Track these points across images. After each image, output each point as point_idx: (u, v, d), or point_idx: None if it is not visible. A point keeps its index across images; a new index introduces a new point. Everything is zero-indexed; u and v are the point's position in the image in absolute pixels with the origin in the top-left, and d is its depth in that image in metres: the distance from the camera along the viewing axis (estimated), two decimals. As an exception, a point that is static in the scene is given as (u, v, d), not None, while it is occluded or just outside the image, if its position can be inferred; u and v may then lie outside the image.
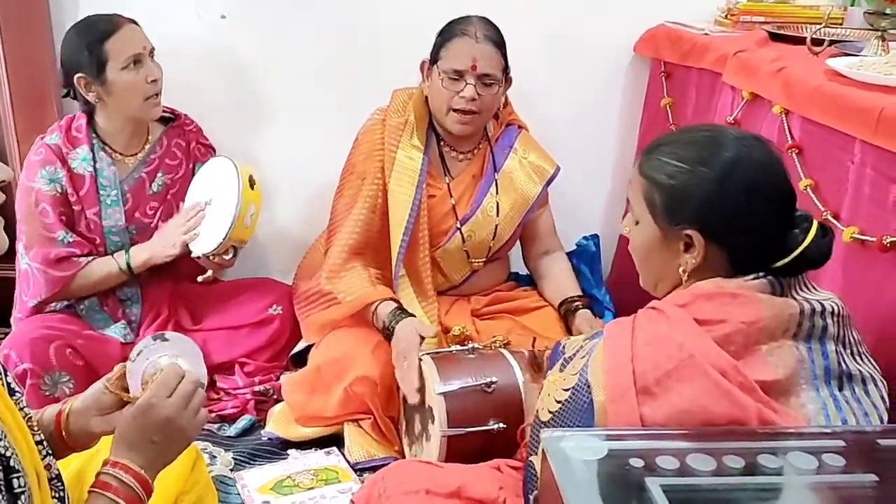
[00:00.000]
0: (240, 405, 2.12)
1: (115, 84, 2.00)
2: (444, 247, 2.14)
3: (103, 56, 1.97)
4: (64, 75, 2.04)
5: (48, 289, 2.03)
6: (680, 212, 1.19)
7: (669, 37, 2.31)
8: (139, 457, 1.07)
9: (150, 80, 2.02)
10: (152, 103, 2.06)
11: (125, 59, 1.98)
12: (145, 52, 2.02)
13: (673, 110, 2.31)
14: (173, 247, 2.04)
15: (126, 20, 2.03)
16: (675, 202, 1.19)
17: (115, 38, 1.98)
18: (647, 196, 1.22)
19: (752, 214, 1.16)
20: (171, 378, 1.11)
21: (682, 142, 1.23)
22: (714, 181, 1.16)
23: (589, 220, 2.59)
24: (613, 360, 1.13)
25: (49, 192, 2.03)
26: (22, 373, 1.92)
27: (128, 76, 1.99)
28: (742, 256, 1.18)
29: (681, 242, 1.20)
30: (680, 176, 1.18)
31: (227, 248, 2.02)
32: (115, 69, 1.98)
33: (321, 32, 2.40)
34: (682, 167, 1.18)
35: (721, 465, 0.94)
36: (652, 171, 1.22)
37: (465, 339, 2.00)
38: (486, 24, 2.02)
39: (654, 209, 1.22)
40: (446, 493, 1.35)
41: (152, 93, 2.04)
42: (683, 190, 1.18)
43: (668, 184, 1.19)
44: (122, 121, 2.09)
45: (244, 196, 1.97)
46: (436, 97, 2.05)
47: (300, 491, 1.84)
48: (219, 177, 2.06)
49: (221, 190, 2.02)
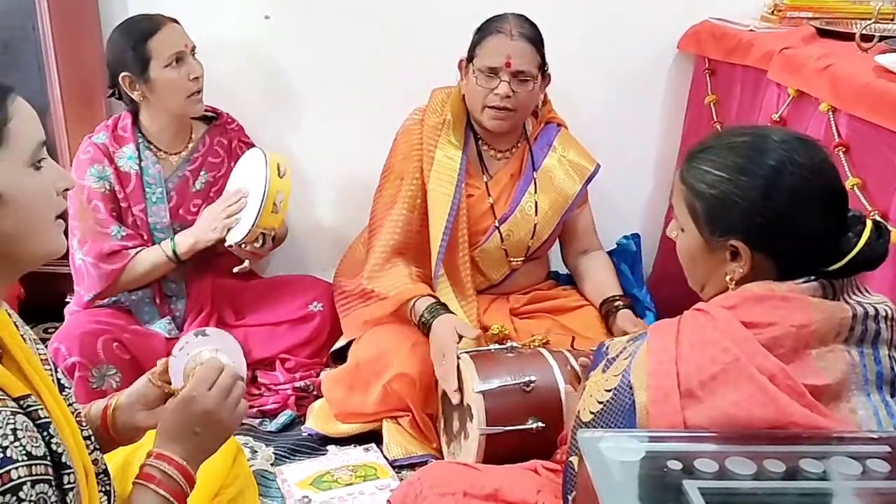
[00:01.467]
0: (280, 401, 2.15)
1: (159, 82, 2.04)
2: (482, 246, 2.14)
3: (147, 54, 2.02)
4: (109, 75, 2.09)
5: (101, 282, 2.09)
6: (723, 222, 1.15)
7: (714, 33, 2.27)
8: (181, 448, 1.09)
9: (191, 78, 2.06)
10: (195, 100, 2.10)
11: (168, 57, 2.02)
12: (187, 50, 2.06)
13: (717, 108, 2.28)
14: (214, 230, 2.06)
15: (168, 19, 2.07)
16: (717, 212, 1.16)
17: (158, 37, 2.02)
18: (690, 205, 1.19)
19: (799, 221, 1.12)
20: (210, 371, 1.13)
21: (723, 147, 1.18)
22: (757, 190, 1.12)
23: (630, 218, 2.57)
24: (657, 362, 1.12)
25: (99, 189, 2.09)
26: (70, 366, 1.97)
27: (170, 74, 2.04)
28: (791, 263, 1.14)
29: (726, 252, 1.17)
30: (720, 185, 1.14)
31: (256, 235, 2.04)
32: (158, 67, 2.03)
33: (363, 31, 2.41)
34: (722, 176, 1.14)
35: (761, 469, 0.93)
36: (693, 180, 1.18)
37: (503, 339, 1.99)
38: (522, 21, 2.01)
39: (696, 218, 1.19)
40: (483, 496, 1.35)
41: (194, 90, 2.08)
42: (725, 200, 1.14)
43: (708, 193, 1.16)
44: (166, 119, 2.13)
45: (272, 183, 1.99)
46: (471, 95, 2.05)
47: (339, 486, 1.86)
48: (250, 166, 2.09)
49: (253, 179, 2.05)
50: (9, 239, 0.94)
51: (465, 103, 2.11)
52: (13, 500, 0.82)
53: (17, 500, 0.82)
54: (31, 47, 2.26)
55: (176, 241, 2.11)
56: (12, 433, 0.84)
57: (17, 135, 0.93)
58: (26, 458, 0.84)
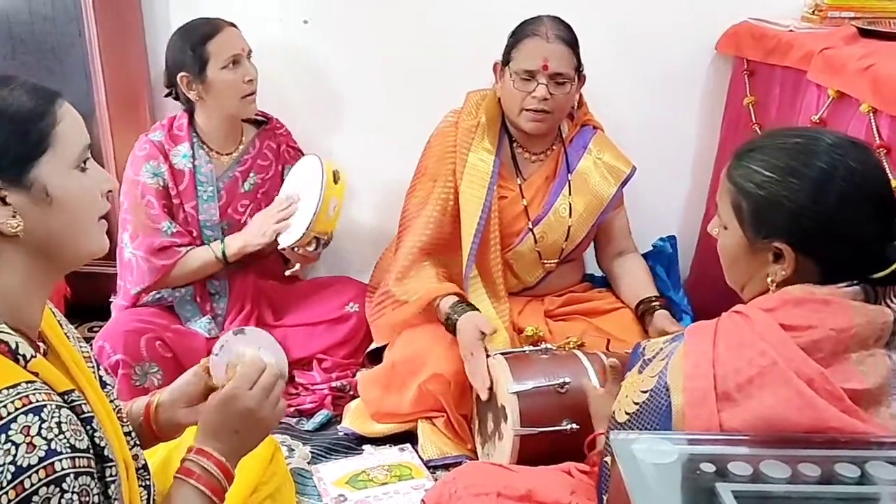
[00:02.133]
0: (317, 400, 2.18)
1: (215, 83, 2.10)
2: (515, 248, 2.14)
3: (205, 56, 2.08)
4: (167, 76, 2.16)
5: (151, 276, 2.14)
6: (768, 223, 1.14)
7: (753, 34, 2.25)
8: (221, 445, 1.12)
9: (246, 80, 2.12)
10: (248, 101, 2.16)
11: (225, 59, 2.08)
12: (243, 54, 2.12)
13: (756, 109, 2.26)
14: (264, 235, 2.12)
15: (226, 23, 2.13)
16: (763, 213, 1.15)
17: (217, 40, 2.08)
18: (735, 204, 1.18)
19: (846, 226, 1.11)
20: (253, 370, 1.15)
21: (773, 148, 1.17)
22: (805, 193, 1.11)
23: (666, 221, 2.54)
24: (694, 364, 1.11)
25: (153, 185, 2.15)
26: (115, 363, 2.02)
27: (227, 75, 2.09)
28: (835, 267, 1.13)
29: (769, 253, 1.16)
30: (769, 186, 1.13)
31: (309, 239, 2.09)
32: (215, 68, 2.08)
33: (400, 35, 2.43)
34: (771, 177, 1.13)
35: (796, 472, 0.92)
36: (740, 179, 1.17)
37: (538, 340, 2.00)
38: (558, 24, 2.01)
39: (741, 218, 1.18)
40: (517, 497, 1.35)
41: (248, 91, 2.14)
42: (772, 201, 1.13)
43: (756, 194, 1.15)
44: (219, 119, 2.19)
45: (327, 189, 2.04)
46: (508, 98, 2.06)
47: (374, 486, 1.88)
48: (306, 172, 2.14)
49: (308, 184, 2.10)
50: (54, 238, 0.97)
51: (501, 106, 2.12)
52: (56, 492, 0.84)
53: (61, 492, 0.84)
54: (78, 52, 2.32)
55: (226, 243, 2.17)
56: (57, 426, 0.87)
57: (64, 138, 0.97)
58: (70, 451, 0.87)
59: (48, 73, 2.35)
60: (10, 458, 0.82)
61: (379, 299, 2.18)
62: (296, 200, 2.12)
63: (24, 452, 0.83)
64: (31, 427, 0.85)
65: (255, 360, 1.18)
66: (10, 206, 0.93)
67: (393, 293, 2.11)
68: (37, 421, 0.85)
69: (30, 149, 0.94)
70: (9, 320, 0.93)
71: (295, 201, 2.12)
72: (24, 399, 0.86)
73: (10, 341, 0.91)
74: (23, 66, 2.35)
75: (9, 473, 0.82)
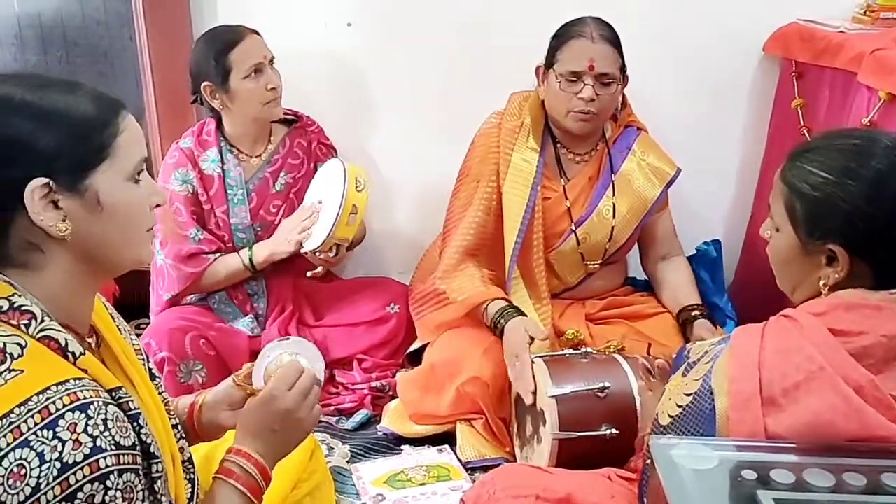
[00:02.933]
0: (357, 400, 2.19)
1: (238, 92, 2.12)
2: (558, 249, 2.13)
3: (228, 66, 2.10)
4: (192, 83, 2.18)
5: (180, 283, 2.17)
6: (823, 225, 1.13)
7: (802, 35, 2.21)
8: (260, 446, 1.13)
9: (269, 88, 2.13)
10: (271, 106, 2.17)
11: (247, 69, 2.10)
12: (265, 62, 2.13)
13: (804, 112, 2.22)
14: (289, 244, 2.14)
15: (249, 31, 2.14)
16: (817, 215, 1.13)
17: (239, 50, 2.10)
18: (788, 205, 1.17)
19: None
20: (291, 373, 1.17)
21: (829, 149, 1.16)
22: (861, 195, 1.09)
23: (711, 224, 2.52)
24: (739, 367, 1.10)
25: (182, 193, 2.17)
26: (160, 361, 2.06)
27: (249, 84, 2.11)
28: (889, 272, 1.12)
29: (823, 256, 1.14)
30: (824, 187, 1.12)
31: (330, 245, 2.10)
32: (237, 78, 2.11)
33: (442, 38, 2.44)
34: (826, 178, 1.12)
35: (840, 482, 0.91)
36: (794, 180, 1.16)
37: (578, 344, 1.98)
38: (601, 24, 2.00)
39: (794, 219, 1.16)
40: (555, 500, 1.34)
41: (271, 98, 2.15)
42: (827, 203, 1.12)
43: (811, 195, 1.13)
44: (246, 124, 2.21)
45: (348, 196, 2.04)
46: (553, 100, 2.05)
47: (412, 486, 1.88)
48: (330, 178, 2.15)
49: (331, 190, 2.11)
50: (101, 245, 0.98)
51: (544, 108, 2.11)
52: (100, 489, 0.85)
53: (105, 489, 0.85)
54: (129, 56, 2.38)
55: (253, 251, 2.19)
56: (102, 423, 0.88)
57: (124, 149, 0.98)
58: (115, 448, 0.88)
59: (100, 77, 2.42)
60: (57, 454, 0.84)
61: (425, 297, 2.19)
62: (318, 209, 2.13)
63: (70, 449, 0.84)
64: (78, 424, 0.86)
65: (294, 364, 1.20)
66: (62, 211, 0.94)
67: (440, 290, 2.11)
68: (83, 418, 0.87)
69: (89, 156, 0.95)
70: (58, 317, 0.95)
71: (317, 209, 2.13)
72: (72, 395, 0.88)
73: (59, 338, 0.92)
74: (76, 70, 2.43)
75: (55, 469, 0.83)
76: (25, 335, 0.91)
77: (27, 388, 0.87)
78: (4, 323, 0.91)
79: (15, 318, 0.91)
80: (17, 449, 0.83)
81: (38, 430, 0.84)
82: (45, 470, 0.83)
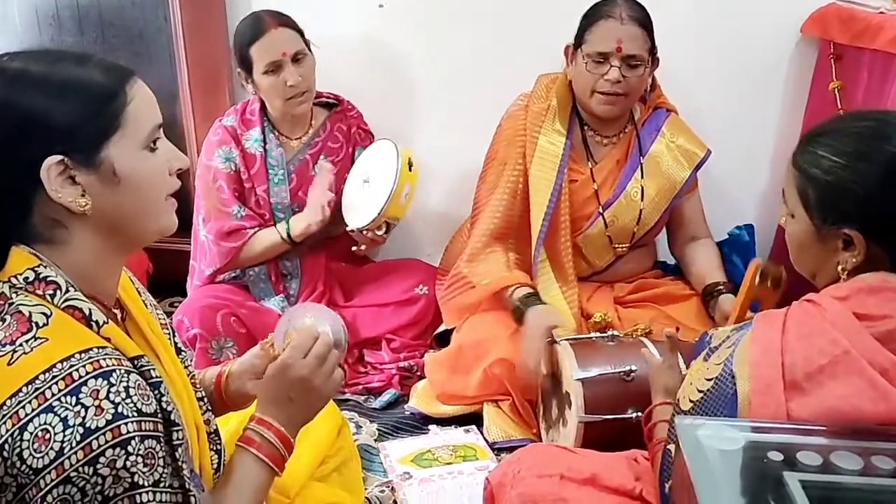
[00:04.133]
0: (385, 379, 2.21)
1: (260, 85, 2.15)
2: (585, 232, 2.13)
3: (249, 59, 2.13)
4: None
5: (221, 258, 2.21)
6: (836, 210, 1.11)
7: (840, 16, 2.16)
8: (280, 413, 1.14)
9: (288, 85, 2.12)
10: (294, 103, 2.17)
11: (265, 66, 2.11)
12: (286, 58, 2.11)
13: (842, 95, 2.17)
14: (319, 212, 2.14)
15: (275, 23, 2.11)
16: (830, 200, 1.11)
17: (259, 44, 2.10)
18: (801, 190, 1.15)
19: None
20: (306, 339, 1.17)
21: (842, 132, 1.14)
22: (876, 177, 1.07)
23: (744, 208, 2.48)
24: (761, 352, 1.08)
25: (224, 170, 2.20)
26: (192, 337, 2.10)
27: (268, 80, 2.12)
28: None
29: (839, 240, 1.13)
30: (837, 171, 1.10)
31: (380, 223, 2.12)
32: (258, 72, 2.13)
33: (474, 19, 2.42)
34: (839, 161, 1.10)
35: (869, 465, 0.90)
36: (806, 164, 1.14)
37: (605, 327, 1.98)
38: (631, 4, 1.98)
39: (807, 205, 1.15)
40: (581, 480, 1.34)
41: (292, 94, 2.15)
42: (840, 187, 1.10)
43: (822, 179, 1.12)
44: (278, 110, 2.22)
45: (401, 175, 2.06)
46: (580, 80, 2.04)
47: (439, 465, 1.90)
48: (380, 157, 2.16)
49: (381, 169, 2.12)
50: (122, 216, 0.99)
51: (572, 89, 2.10)
52: (122, 454, 0.87)
53: (126, 454, 0.87)
54: (164, 37, 2.41)
55: (290, 224, 2.21)
56: (125, 391, 0.89)
57: (134, 118, 0.97)
58: (136, 415, 0.89)
59: (135, 57, 2.45)
60: (80, 419, 0.86)
61: (450, 281, 2.20)
62: (366, 179, 2.15)
63: (92, 415, 0.86)
64: (100, 391, 0.88)
65: (309, 330, 1.19)
66: (80, 186, 0.94)
67: (464, 274, 2.12)
68: (105, 385, 0.88)
69: (100, 129, 0.95)
70: (84, 289, 0.96)
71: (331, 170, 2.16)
72: (95, 363, 0.90)
73: (83, 308, 0.94)
74: (111, 50, 2.46)
75: (78, 434, 0.85)
76: (50, 305, 0.93)
77: (52, 356, 0.89)
78: (30, 293, 0.93)
79: (40, 288, 0.93)
80: (41, 414, 0.86)
81: (62, 396, 0.87)
82: (68, 434, 0.85)
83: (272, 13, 2.15)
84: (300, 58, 2.14)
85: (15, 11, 2.49)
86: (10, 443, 0.85)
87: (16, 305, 0.92)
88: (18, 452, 0.84)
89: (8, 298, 0.93)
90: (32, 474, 0.84)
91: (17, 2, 2.48)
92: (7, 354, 0.89)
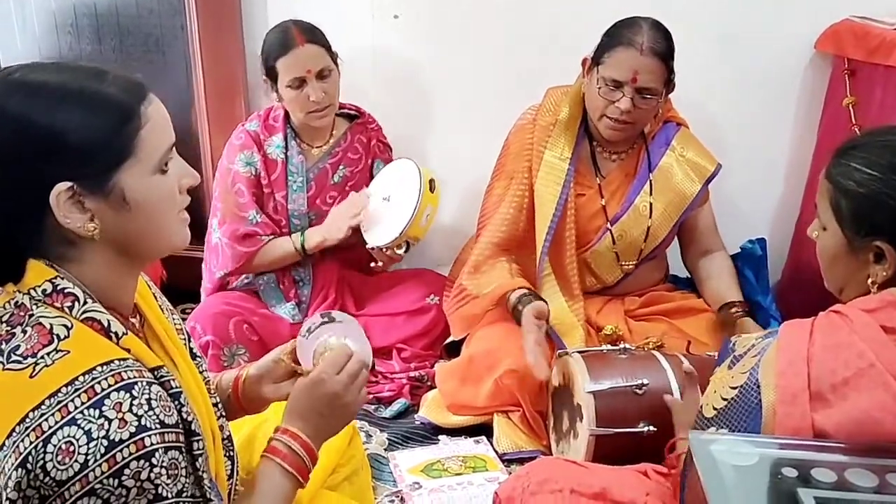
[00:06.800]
0: (396, 389, 2.22)
1: (284, 96, 2.17)
2: (593, 248, 2.13)
3: (275, 71, 2.15)
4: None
5: (233, 262, 2.22)
6: (869, 222, 1.12)
7: (855, 32, 2.16)
8: (308, 427, 1.15)
9: (311, 100, 2.14)
10: (314, 117, 2.19)
11: (289, 80, 2.13)
12: (310, 75, 2.13)
13: (856, 110, 2.17)
14: (340, 231, 2.17)
15: (303, 39, 2.12)
16: (864, 212, 1.12)
17: (286, 59, 2.12)
18: (834, 203, 1.16)
19: None
20: (340, 357, 1.19)
21: (875, 145, 1.15)
22: None
23: (757, 222, 2.48)
24: (787, 362, 1.08)
25: (245, 174, 2.22)
26: (205, 344, 2.12)
27: (291, 93, 2.14)
28: None
29: (870, 253, 1.13)
30: (870, 184, 1.11)
31: (400, 242, 2.14)
32: (282, 85, 2.15)
33: (489, 31, 2.44)
34: (872, 174, 1.11)
35: (884, 482, 0.89)
36: (840, 177, 1.15)
37: (616, 339, 1.98)
38: (655, 34, 1.93)
39: (840, 217, 1.15)
40: (591, 494, 1.34)
41: (312, 109, 2.17)
42: (874, 199, 1.11)
43: (856, 192, 1.12)
44: (299, 120, 2.24)
45: (423, 197, 2.09)
46: (592, 100, 2.03)
47: (448, 475, 1.90)
48: (402, 176, 2.18)
49: (403, 189, 2.14)
50: (132, 238, 0.98)
51: (584, 102, 2.09)
52: (146, 465, 0.87)
53: (150, 466, 0.88)
54: (180, 45, 2.43)
55: (305, 236, 2.23)
56: (147, 403, 0.90)
57: (148, 143, 0.95)
58: (159, 427, 0.90)
59: (151, 65, 2.47)
60: (104, 432, 0.86)
61: (455, 293, 2.20)
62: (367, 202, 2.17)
63: (116, 427, 0.87)
64: (123, 403, 0.88)
65: (343, 347, 1.22)
66: (89, 211, 0.93)
67: (464, 286, 2.13)
68: (128, 398, 0.89)
69: (113, 156, 0.93)
70: (102, 300, 0.97)
71: (366, 203, 2.17)
72: (117, 376, 0.90)
73: (102, 319, 0.94)
74: (128, 58, 2.48)
75: (102, 447, 0.86)
76: (70, 317, 0.93)
77: (74, 368, 0.89)
78: (49, 305, 0.93)
79: (59, 300, 0.93)
80: (65, 427, 0.86)
81: (85, 409, 0.87)
82: (92, 447, 0.85)
83: (301, 27, 2.15)
84: (326, 74, 2.16)
85: (34, 18, 2.52)
86: (33, 455, 0.85)
87: (36, 317, 0.92)
88: (42, 465, 0.85)
89: (28, 310, 0.93)
90: (56, 486, 0.85)
91: (36, 8, 2.51)
92: (29, 367, 0.89)
